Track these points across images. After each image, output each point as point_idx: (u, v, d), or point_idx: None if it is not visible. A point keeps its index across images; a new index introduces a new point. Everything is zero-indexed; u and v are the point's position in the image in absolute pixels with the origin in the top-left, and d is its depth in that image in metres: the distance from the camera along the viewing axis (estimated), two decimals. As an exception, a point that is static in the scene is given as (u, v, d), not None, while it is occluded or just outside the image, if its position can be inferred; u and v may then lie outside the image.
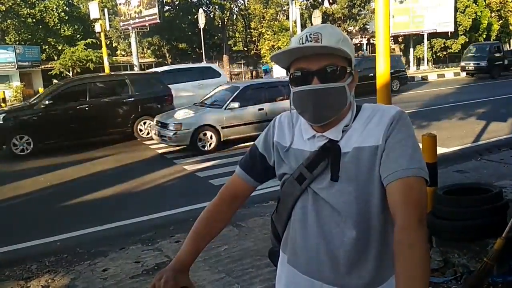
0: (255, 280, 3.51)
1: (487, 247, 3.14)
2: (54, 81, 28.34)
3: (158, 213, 5.56)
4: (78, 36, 29.91)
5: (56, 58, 28.96)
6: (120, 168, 8.15)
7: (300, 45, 1.22)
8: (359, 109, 1.31)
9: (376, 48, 4.08)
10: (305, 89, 1.23)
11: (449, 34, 31.00)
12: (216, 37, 34.54)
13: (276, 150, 1.38)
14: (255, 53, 34.72)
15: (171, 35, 31.64)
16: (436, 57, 33.26)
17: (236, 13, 35.79)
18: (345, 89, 1.24)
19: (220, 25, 33.65)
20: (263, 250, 3.91)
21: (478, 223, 3.20)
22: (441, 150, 6.83)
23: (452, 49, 31.41)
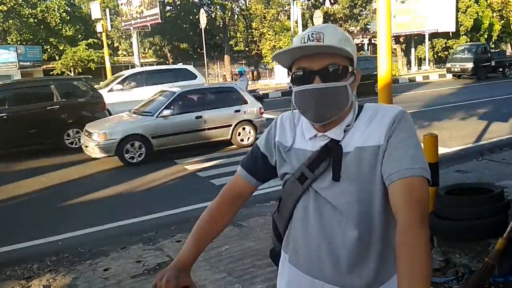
0: (256, 280, 3.51)
1: (488, 247, 3.15)
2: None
3: (159, 212, 5.57)
4: (80, 36, 29.98)
5: (57, 58, 29.08)
6: (121, 168, 8.15)
7: (302, 44, 1.22)
8: (360, 108, 1.31)
9: (378, 48, 4.09)
10: (307, 88, 1.23)
11: (451, 34, 31.02)
12: (217, 37, 34.58)
13: (277, 150, 1.38)
14: (256, 53, 34.73)
15: (172, 35, 31.68)
16: (438, 57, 33.32)
17: (237, 13, 35.80)
18: (347, 88, 1.24)
19: (221, 25, 33.67)
20: (264, 250, 3.91)
21: (479, 223, 3.20)
22: (442, 150, 6.82)
23: (453, 49, 31.40)
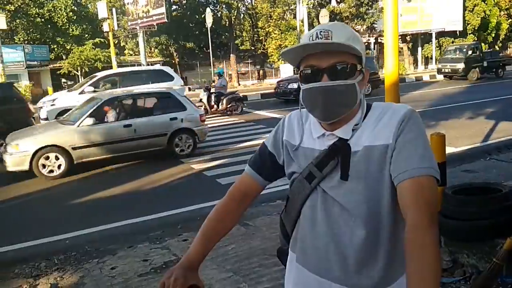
0: (262, 279, 3.51)
1: (496, 247, 3.12)
2: (63, 80, 28.69)
3: (166, 211, 5.58)
4: (86, 35, 30.11)
5: (64, 57, 29.26)
6: (128, 167, 8.18)
7: (310, 41, 1.21)
8: (369, 107, 1.30)
9: (385, 47, 4.08)
10: (315, 86, 1.22)
11: (458, 33, 30.85)
12: (223, 36, 34.62)
13: (285, 149, 1.38)
14: (262, 52, 34.74)
15: (178, 35, 31.76)
16: (445, 56, 33.10)
17: (243, 12, 35.81)
18: (355, 86, 1.23)
19: (227, 24, 33.69)
20: (271, 249, 3.91)
21: (487, 223, 3.19)
22: (449, 150, 6.79)
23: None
